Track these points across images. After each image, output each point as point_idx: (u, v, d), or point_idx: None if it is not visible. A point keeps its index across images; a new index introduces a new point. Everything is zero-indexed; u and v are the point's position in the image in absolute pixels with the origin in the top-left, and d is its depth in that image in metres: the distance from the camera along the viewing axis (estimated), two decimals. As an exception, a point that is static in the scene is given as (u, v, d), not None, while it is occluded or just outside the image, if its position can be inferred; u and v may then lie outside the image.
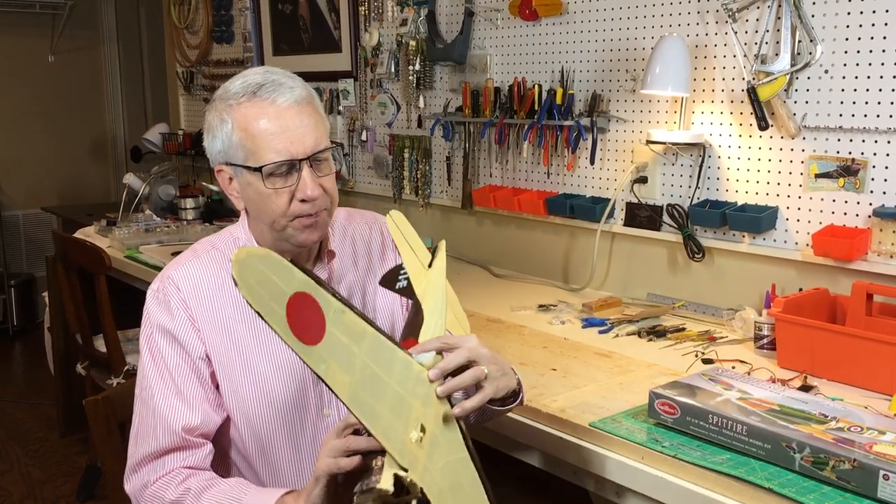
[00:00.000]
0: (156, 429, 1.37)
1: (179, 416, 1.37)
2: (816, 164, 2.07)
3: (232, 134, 1.35)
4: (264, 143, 1.33)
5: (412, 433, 1.09)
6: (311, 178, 1.35)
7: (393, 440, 1.08)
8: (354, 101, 3.50)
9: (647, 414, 1.54)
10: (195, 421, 1.38)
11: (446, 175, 3.09)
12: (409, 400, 1.11)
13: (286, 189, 1.35)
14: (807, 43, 2.05)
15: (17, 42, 5.36)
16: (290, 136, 1.33)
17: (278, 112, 1.33)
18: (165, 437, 1.37)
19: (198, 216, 3.74)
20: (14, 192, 5.44)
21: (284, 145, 1.33)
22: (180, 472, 1.37)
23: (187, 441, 1.37)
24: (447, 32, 3.02)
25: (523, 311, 2.36)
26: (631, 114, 2.48)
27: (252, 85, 1.35)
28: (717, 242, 2.29)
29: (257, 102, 1.34)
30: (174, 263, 1.47)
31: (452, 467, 1.12)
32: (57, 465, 3.49)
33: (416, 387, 1.12)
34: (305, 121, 1.35)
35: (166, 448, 1.37)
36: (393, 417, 1.08)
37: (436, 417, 1.13)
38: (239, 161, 1.36)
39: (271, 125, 1.33)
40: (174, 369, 1.40)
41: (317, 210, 1.38)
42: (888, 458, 1.25)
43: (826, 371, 1.77)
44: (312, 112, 1.37)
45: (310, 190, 1.34)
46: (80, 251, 2.86)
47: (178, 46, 4.71)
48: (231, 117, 1.35)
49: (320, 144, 1.36)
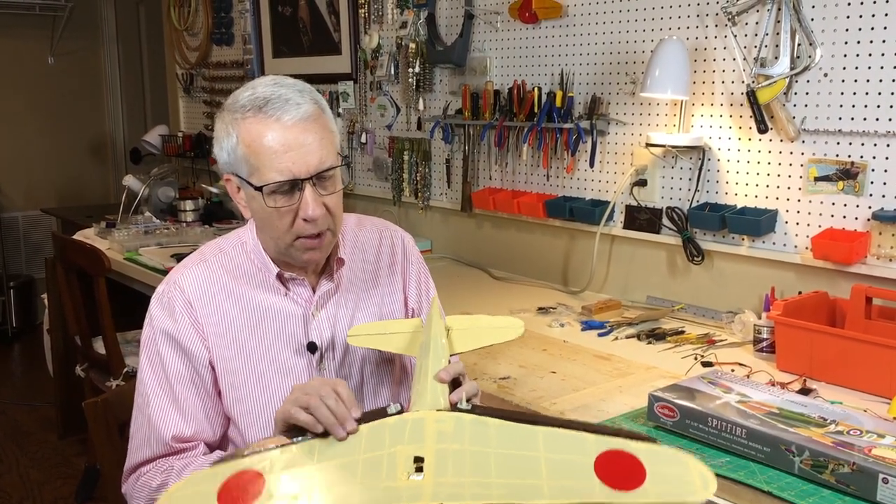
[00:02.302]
0: (149, 437, 1.39)
1: (172, 425, 1.38)
2: (816, 168, 2.07)
3: (237, 147, 1.34)
4: (267, 162, 1.31)
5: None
6: (314, 197, 1.33)
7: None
8: (354, 104, 3.50)
9: (647, 417, 1.54)
10: (187, 432, 1.39)
11: (446, 177, 3.09)
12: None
13: (289, 208, 1.34)
14: (806, 46, 2.05)
15: (16, 44, 5.37)
16: (293, 155, 1.31)
17: (283, 130, 1.31)
18: (158, 446, 1.38)
19: (197, 218, 3.74)
20: (13, 193, 5.44)
21: (286, 165, 1.31)
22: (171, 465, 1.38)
23: (177, 448, 1.39)
24: (447, 35, 3.02)
25: (522, 313, 2.36)
26: (630, 116, 2.48)
27: (259, 99, 1.33)
28: (717, 245, 2.29)
29: (262, 119, 1.32)
30: (181, 267, 1.47)
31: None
32: (56, 467, 3.49)
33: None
34: (310, 139, 1.32)
35: (158, 456, 1.39)
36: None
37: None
38: (243, 175, 1.35)
39: (275, 144, 1.31)
40: (173, 376, 1.40)
41: (319, 230, 1.36)
42: (887, 461, 1.25)
43: (825, 374, 1.77)
44: (319, 128, 1.34)
45: (311, 210, 1.33)
46: (80, 253, 2.86)
47: (177, 48, 4.71)
48: (236, 131, 1.34)
49: (325, 163, 1.34)
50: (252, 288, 1.44)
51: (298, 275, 1.45)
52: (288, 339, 1.44)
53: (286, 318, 1.45)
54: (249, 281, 1.45)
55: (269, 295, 1.45)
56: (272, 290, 1.45)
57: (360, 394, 1.49)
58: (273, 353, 1.43)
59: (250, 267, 1.45)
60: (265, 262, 1.44)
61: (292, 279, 1.45)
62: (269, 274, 1.44)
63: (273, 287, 1.45)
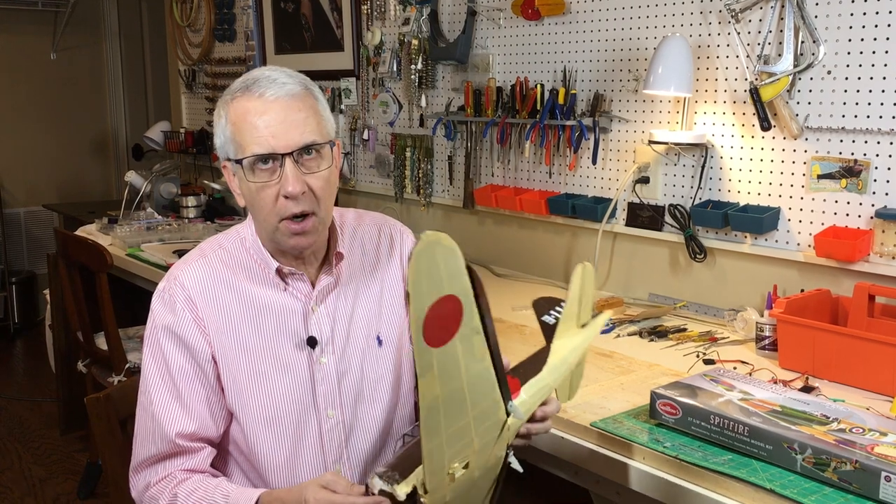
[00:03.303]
0: (153, 434, 1.39)
1: (175, 422, 1.38)
2: (819, 165, 2.06)
3: (226, 128, 1.37)
4: (248, 136, 1.33)
5: (455, 465, 1.09)
6: (295, 173, 1.34)
7: (435, 461, 1.07)
8: (356, 100, 3.50)
9: (649, 414, 1.53)
10: (190, 427, 1.39)
11: (448, 174, 3.09)
12: (473, 436, 1.10)
13: (271, 184, 1.34)
14: (809, 44, 2.05)
15: (19, 40, 5.36)
16: (275, 129, 1.33)
17: (264, 105, 1.33)
18: (162, 443, 1.38)
19: (199, 214, 3.74)
20: (16, 189, 5.44)
21: (266, 138, 1.33)
22: (176, 475, 1.38)
23: (182, 447, 1.38)
24: (449, 31, 3.02)
25: (525, 310, 2.36)
26: (633, 114, 2.48)
27: (249, 80, 1.36)
28: (719, 243, 2.29)
29: (247, 96, 1.35)
30: (181, 263, 1.47)
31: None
32: (58, 463, 3.49)
33: (487, 428, 1.12)
34: (293, 116, 1.34)
35: (163, 454, 1.39)
36: (449, 443, 1.07)
37: (484, 464, 1.14)
38: (231, 155, 1.37)
39: (255, 118, 1.33)
40: (176, 372, 1.40)
41: (301, 209, 1.36)
42: (890, 459, 1.24)
43: (828, 372, 1.77)
44: (304, 107, 1.35)
45: (290, 185, 1.33)
46: (82, 249, 2.86)
47: (180, 44, 4.71)
48: (226, 112, 1.37)
49: (306, 139, 1.34)
50: (251, 283, 1.44)
51: (297, 269, 1.45)
52: (288, 334, 1.44)
53: (286, 313, 1.45)
54: (249, 276, 1.45)
55: (268, 290, 1.45)
56: (271, 285, 1.45)
57: (359, 388, 1.48)
58: (273, 348, 1.43)
59: (249, 262, 1.46)
60: (264, 258, 1.44)
61: (291, 274, 1.45)
62: (268, 269, 1.44)
63: (272, 282, 1.45)
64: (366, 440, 1.49)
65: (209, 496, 1.33)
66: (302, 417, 1.45)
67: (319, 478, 1.23)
